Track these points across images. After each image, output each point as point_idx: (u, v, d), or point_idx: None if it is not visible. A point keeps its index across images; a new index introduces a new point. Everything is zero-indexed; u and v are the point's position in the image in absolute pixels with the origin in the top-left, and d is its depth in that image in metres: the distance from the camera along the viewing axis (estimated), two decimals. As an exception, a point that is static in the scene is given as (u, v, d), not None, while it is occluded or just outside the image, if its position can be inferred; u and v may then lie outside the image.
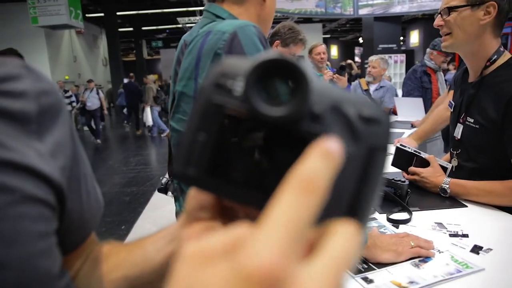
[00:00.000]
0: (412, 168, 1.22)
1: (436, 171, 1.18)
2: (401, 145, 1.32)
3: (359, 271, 0.77)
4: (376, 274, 0.76)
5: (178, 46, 0.90)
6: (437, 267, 0.77)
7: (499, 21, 1.06)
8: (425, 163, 1.21)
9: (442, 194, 1.13)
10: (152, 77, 8.99)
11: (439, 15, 1.11)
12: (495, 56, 1.07)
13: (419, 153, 1.24)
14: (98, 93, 7.84)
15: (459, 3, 1.06)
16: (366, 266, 0.79)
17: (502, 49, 1.09)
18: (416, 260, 0.80)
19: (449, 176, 1.16)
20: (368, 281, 0.74)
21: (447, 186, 1.11)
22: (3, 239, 0.28)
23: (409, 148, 1.28)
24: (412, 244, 0.81)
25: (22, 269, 0.29)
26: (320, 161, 0.16)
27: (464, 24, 1.06)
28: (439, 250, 0.83)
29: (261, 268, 0.14)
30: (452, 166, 1.19)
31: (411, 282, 0.72)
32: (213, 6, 0.86)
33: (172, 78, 0.90)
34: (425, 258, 0.80)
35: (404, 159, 1.27)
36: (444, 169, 1.19)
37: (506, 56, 1.09)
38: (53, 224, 0.33)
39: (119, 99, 9.49)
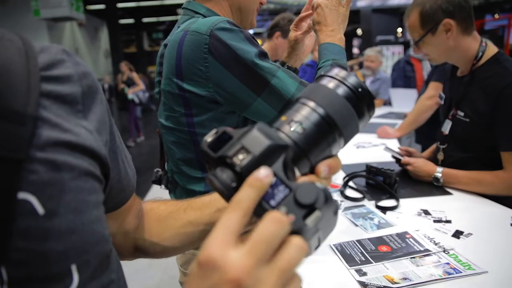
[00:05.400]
0: (405, 160, 1.28)
1: (426, 161, 1.23)
2: (386, 147, 1.42)
3: (355, 263, 0.77)
4: (371, 268, 0.76)
5: (160, 47, 0.90)
6: (436, 266, 0.76)
7: (465, 25, 1.10)
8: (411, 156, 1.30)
9: (435, 183, 1.18)
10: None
11: (414, 45, 1.18)
12: (480, 53, 1.12)
13: (398, 156, 1.33)
14: None
15: (420, 35, 1.12)
16: (363, 259, 0.79)
17: (484, 43, 1.13)
18: (417, 257, 0.79)
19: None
20: (362, 273, 0.74)
21: (440, 175, 1.17)
22: (70, 208, 0.32)
23: (391, 150, 1.39)
24: None
25: (85, 233, 0.33)
26: (248, 188, 0.27)
27: (435, 46, 1.12)
28: (444, 249, 0.82)
29: (203, 255, 0.24)
30: (438, 160, 1.25)
31: (404, 279, 0.72)
32: (191, 3, 0.88)
33: (156, 78, 0.91)
34: (425, 256, 0.79)
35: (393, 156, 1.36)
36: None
37: (490, 49, 1.13)
38: (102, 195, 0.37)
39: None
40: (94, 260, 0.34)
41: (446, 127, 1.22)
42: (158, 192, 0.98)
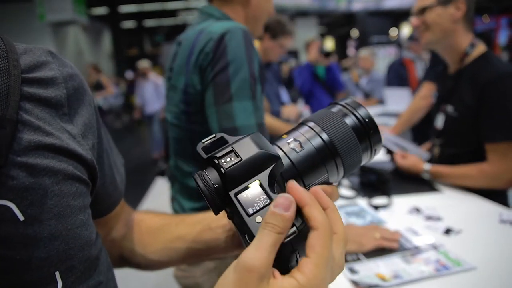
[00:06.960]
0: (398, 165, 1.30)
1: (416, 160, 1.26)
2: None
3: (347, 262, 0.77)
4: (362, 266, 0.77)
5: (174, 45, 0.94)
6: (427, 263, 0.77)
7: (468, 17, 1.14)
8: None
9: (423, 177, 1.22)
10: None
11: (415, 16, 1.19)
12: (470, 50, 1.15)
13: (392, 148, 1.36)
14: None
15: (431, 3, 1.14)
16: (355, 257, 0.79)
17: (475, 42, 1.17)
18: (407, 254, 0.80)
19: (431, 163, 1.24)
20: (353, 272, 0.75)
21: (428, 174, 1.21)
22: (53, 214, 0.31)
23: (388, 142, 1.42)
24: (377, 236, 0.83)
25: (69, 238, 0.32)
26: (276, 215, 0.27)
27: (439, 20, 1.14)
28: (435, 246, 0.83)
29: (247, 261, 0.25)
30: (434, 155, 1.27)
31: (396, 277, 0.72)
32: (207, 7, 0.92)
33: (167, 74, 0.94)
34: (416, 254, 0.80)
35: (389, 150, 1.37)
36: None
37: (479, 48, 1.16)
38: (88, 198, 0.36)
39: None
40: (79, 265, 0.33)
41: (439, 121, 1.25)
42: (163, 186, 1.00)
